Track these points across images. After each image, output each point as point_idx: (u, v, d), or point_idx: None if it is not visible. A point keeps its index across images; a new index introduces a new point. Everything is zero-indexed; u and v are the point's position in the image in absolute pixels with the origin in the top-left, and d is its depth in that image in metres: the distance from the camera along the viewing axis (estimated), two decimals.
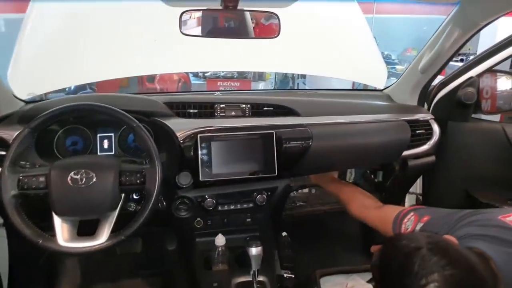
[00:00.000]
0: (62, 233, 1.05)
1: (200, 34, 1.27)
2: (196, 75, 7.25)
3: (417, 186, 1.85)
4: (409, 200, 1.88)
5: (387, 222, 1.14)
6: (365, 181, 1.86)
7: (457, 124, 1.59)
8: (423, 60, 1.41)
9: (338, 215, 1.46)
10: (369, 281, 1.51)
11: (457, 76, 1.51)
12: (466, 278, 0.65)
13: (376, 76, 1.81)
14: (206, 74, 7.05)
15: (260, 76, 7.00)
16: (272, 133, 1.36)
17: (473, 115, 1.61)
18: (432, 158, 1.55)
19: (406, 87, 1.59)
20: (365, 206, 1.36)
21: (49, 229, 1.06)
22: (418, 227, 0.99)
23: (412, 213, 1.05)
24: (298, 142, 1.38)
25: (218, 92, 1.65)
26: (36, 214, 1.07)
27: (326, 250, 1.77)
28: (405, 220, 1.06)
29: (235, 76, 6.59)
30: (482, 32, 1.36)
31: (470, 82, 1.50)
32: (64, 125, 1.30)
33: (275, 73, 6.13)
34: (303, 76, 6.77)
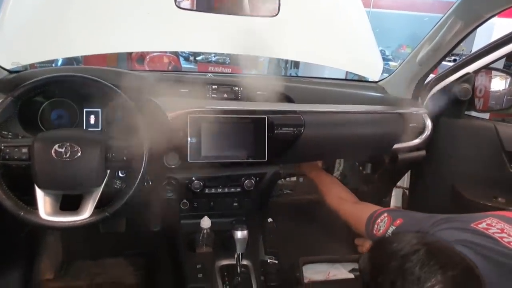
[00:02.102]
0: (44, 206, 1.02)
1: (195, 8, 1.22)
2: (187, 58, 7.15)
3: (405, 180, 1.86)
4: (396, 193, 1.90)
5: (360, 219, 1.14)
6: (353, 172, 1.86)
7: (449, 120, 1.59)
8: (421, 52, 1.39)
9: (324, 205, 1.46)
10: (351, 271, 1.53)
11: (454, 71, 1.51)
12: (467, 278, 0.65)
13: (372, 67, 1.79)
14: (197, 58, 6.95)
15: (252, 63, 6.93)
16: (264, 118, 1.33)
17: (465, 112, 1.61)
18: (422, 152, 1.55)
19: (402, 79, 1.58)
20: (342, 199, 1.37)
21: (32, 203, 1.04)
22: (390, 230, 0.99)
23: (385, 214, 1.05)
24: (290, 128, 1.36)
25: (211, 74, 1.61)
26: (18, 186, 1.04)
27: (310, 239, 1.78)
28: (378, 220, 1.06)
29: (227, 62, 6.51)
30: (478, 31, 1.35)
31: (466, 78, 1.50)
32: (50, 97, 1.25)
33: (268, 61, 6.07)
34: (296, 66, 6.73)
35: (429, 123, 1.52)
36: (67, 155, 1.02)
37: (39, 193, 1.03)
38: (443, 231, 0.82)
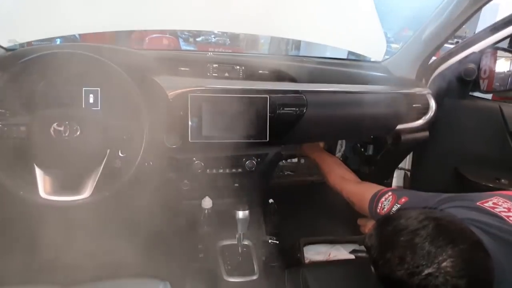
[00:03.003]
0: (44, 185, 1.02)
1: None
2: (186, 40, 7.05)
3: (406, 162, 1.85)
4: (398, 175, 1.89)
5: (364, 198, 1.14)
6: (354, 153, 1.85)
7: (453, 101, 1.57)
8: (426, 32, 1.36)
9: (325, 186, 1.46)
10: (351, 252, 1.54)
11: (459, 51, 1.48)
12: (476, 251, 0.64)
13: (375, 47, 1.76)
14: (197, 39, 6.85)
15: (253, 44, 6.83)
16: (266, 97, 1.31)
17: (470, 93, 1.59)
18: (425, 133, 1.54)
19: (406, 59, 1.55)
20: (345, 179, 1.36)
21: (30, 182, 1.03)
22: (395, 208, 0.99)
23: (390, 193, 1.04)
24: (292, 108, 1.34)
25: (211, 53, 1.58)
26: (17, 165, 1.03)
27: (311, 219, 1.78)
28: (382, 199, 1.05)
29: (227, 43, 6.42)
30: (482, 13, 1.31)
31: (472, 58, 1.47)
32: (48, 75, 1.23)
33: (269, 41, 5.99)
34: (297, 48, 6.64)
35: (433, 104, 1.50)
36: (66, 134, 1.01)
37: (39, 172, 1.02)
38: (449, 209, 0.82)
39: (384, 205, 1.02)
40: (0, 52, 1.32)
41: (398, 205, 0.98)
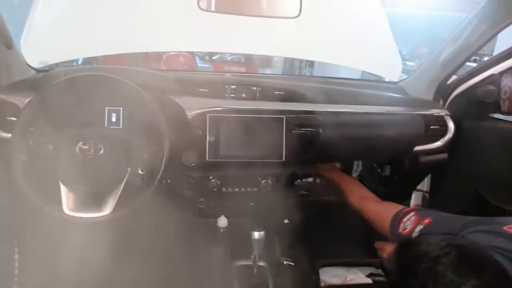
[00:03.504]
0: (68, 201, 1.05)
1: (216, 10, 1.23)
2: (202, 58, 7.19)
3: (425, 184, 1.82)
4: (415, 197, 1.86)
5: (385, 217, 1.11)
6: (371, 174, 1.83)
7: (473, 122, 1.54)
8: (443, 54, 1.36)
9: (341, 207, 1.44)
10: (369, 276, 1.50)
11: (478, 73, 1.47)
12: (501, 282, 0.63)
13: (391, 68, 1.77)
14: (212, 58, 6.99)
15: (267, 63, 6.92)
16: (282, 118, 1.33)
17: (490, 114, 1.56)
18: (444, 155, 1.51)
19: (423, 80, 1.55)
20: (365, 198, 1.34)
21: (55, 198, 1.06)
22: (418, 229, 0.96)
23: (413, 213, 1.02)
24: (308, 129, 1.36)
25: (228, 74, 1.62)
26: (44, 181, 1.07)
27: (327, 241, 1.75)
28: (405, 219, 1.03)
29: (242, 61, 6.53)
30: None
31: (491, 79, 1.45)
32: (74, 94, 1.28)
33: (284, 60, 6.05)
34: (311, 66, 6.69)
35: (451, 125, 1.48)
36: (91, 152, 1.05)
37: (63, 189, 1.05)
38: (474, 234, 0.79)
39: (407, 225, 1.00)
40: (32, 73, 1.39)
41: (421, 226, 0.95)
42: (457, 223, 0.87)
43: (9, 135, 1.05)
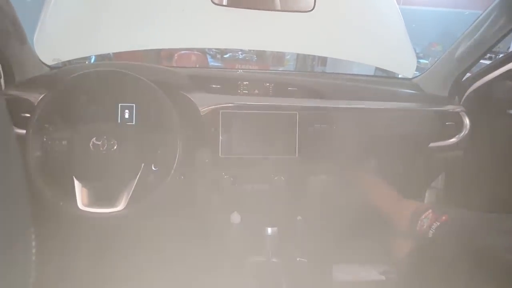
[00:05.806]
0: (82, 197, 1.06)
1: (230, 4, 1.23)
2: (214, 56, 7.20)
3: (439, 181, 1.79)
4: (429, 195, 1.83)
5: (402, 214, 1.10)
6: (384, 171, 1.81)
7: (490, 119, 1.51)
8: (460, 48, 1.34)
9: (355, 205, 1.43)
10: (382, 273, 1.49)
11: (494, 68, 1.43)
12: None
13: (405, 64, 1.74)
14: (224, 56, 7.00)
15: (278, 61, 6.89)
16: (296, 114, 1.33)
17: (507, 111, 1.52)
18: (459, 152, 1.49)
19: (438, 77, 1.52)
20: (383, 195, 1.33)
21: (70, 194, 1.07)
22: (434, 226, 0.95)
23: (430, 210, 1.01)
24: (321, 125, 1.35)
25: (241, 70, 1.61)
26: (58, 177, 1.08)
27: (340, 239, 1.74)
28: (422, 216, 1.02)
29: (254, 60, 6.52)
30: None
31: (508, 75, 1.42)
32: (87, 90, 1.29)
33: (296, 58, 6.02)
34: (323, 64, 6.65)
35: (467, 122, 1.46)
36: (104, 148, 1.06)
37: (77, 184, 1.07)
38: (502, 235, 0.78)
39: (424, 222, 0.99)
40: (45, 70, 1.41)
41: (438, 223, 0.94)
42: (475, 221, 0.85)
43: (24, 131, 1.06)
